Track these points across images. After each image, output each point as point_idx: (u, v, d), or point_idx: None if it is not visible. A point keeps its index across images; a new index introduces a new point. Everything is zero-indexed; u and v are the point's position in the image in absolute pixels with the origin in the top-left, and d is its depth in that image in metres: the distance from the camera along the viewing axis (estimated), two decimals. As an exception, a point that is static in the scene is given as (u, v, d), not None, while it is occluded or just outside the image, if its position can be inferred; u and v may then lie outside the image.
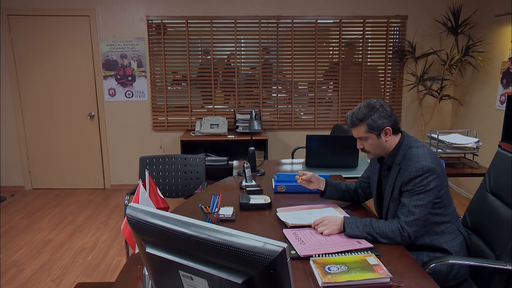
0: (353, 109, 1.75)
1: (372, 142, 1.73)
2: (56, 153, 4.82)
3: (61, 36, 4.50)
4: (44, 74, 4.62)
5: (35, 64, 4.59)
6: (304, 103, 4.91)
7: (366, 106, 1.70)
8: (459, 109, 4.70)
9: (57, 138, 4.78)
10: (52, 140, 4.79)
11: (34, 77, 4.62)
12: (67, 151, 4.82)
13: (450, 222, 1.73)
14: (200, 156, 2.89)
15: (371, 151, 1.76)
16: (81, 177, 4.87)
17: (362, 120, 1.70)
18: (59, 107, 4.67)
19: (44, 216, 4.00)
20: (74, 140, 4.77)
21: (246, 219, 1.88)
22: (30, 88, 4.65)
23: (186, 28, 4.59)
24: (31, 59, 4.58)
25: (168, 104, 4.78)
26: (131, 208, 0.91)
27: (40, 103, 4.69)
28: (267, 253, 0.72)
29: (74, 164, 4.84)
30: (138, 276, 1.39)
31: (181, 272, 0.85)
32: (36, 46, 4.55)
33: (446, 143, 2.97)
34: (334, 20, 4.67)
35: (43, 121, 4.74)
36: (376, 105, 1.69)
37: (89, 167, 4.86)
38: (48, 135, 4.78)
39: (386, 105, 1.71)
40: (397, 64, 4.79)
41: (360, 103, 1.76)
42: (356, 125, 1.72)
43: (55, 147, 4.80)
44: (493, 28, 4.07)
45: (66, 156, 4.83)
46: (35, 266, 3.01)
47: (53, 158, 4.83)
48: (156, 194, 1.61)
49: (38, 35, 4.52)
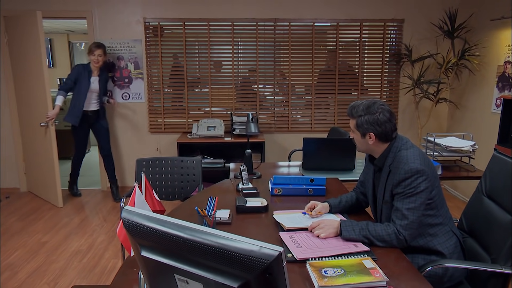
0: (361, 100, 1.78)
1: (356, 138, 1.81)
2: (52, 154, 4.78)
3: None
4: (40, 76, 4.58)
5: (30, 65, 4.56)
6: (301, 105, 4.91)
7: (366, 107, 1.72)
8: (455, 112, 4.72)
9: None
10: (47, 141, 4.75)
11: (29, 78, 4.59)
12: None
13: (443, 223, 1.73)
14: (197, 159, 2.88)
15: (356, 144, 1.84)
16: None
17: (354, 116, 1.76)
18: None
19: (39, 219, 3.97)
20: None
21: (243, 222, 1.88)
22: (25, 90, 4.62)
23: (183, 30, 4.59)
24: (27, 60, 4.55)
25: (165, 106, 4.77)
26: (126, 211, 0.90)
27: (35, 105, 4.65)
28: (263, 257, 0.72)
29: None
30: (133, 279, 1.38)
31: (177, 276, 0.85)
32: (32, 47, 4.52)
33: (443, 146, 2.98)
34: (331, 23, 4.69)
35: (39, 123, 4.70)
36: (374, 110, 1.70)
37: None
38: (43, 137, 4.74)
39: (386, 114, 1.70)
40: (393, 67, 4.80)
41: (370, 98, 1.79)
42: (350, 116, 1.79)
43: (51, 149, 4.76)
44: (488, 32, 4.10)
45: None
46: (30, 269, 2.98)
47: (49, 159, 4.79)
48: (152, 196, 1.60)
49: (34, 37, 4.50)
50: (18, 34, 4.42)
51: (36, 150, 4.52)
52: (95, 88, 4.28)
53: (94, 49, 4.17)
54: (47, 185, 4.40)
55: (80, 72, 4.22)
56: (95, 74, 4.27)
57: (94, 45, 4.20)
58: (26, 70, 4.45)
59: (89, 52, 4.21)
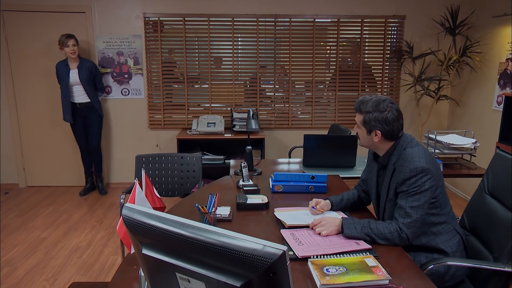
0: (369, 96, 1.77)
1: (361, 133, 1.79)
2: (51, 150, 4.77)
3: (57, 32, 4.45)
4: (39, 71, 4.57)
5: (30, 60, 4.54)
6: (301, 102, 4.89)
7: (375, 103, 1.70)
8: (456, 109, 4.70)
9: (52, 135, 4.74)
10: (47, 137, 4.74)
11: (28, 73, 4.57)
12: (62, 148, 4.77)
13: (446, 222, 1.72)
14: (197, 155, 2.86)
15: (360, 139, 1.83)
16: (76, 174, 4.83)
17: (362, 112, 1.74)
18: (54, 104, 4.62)
19: (38, 215, 3.96)
20: (69, 137, 4.72)
21: (243, 219, 1.86)
22: (25, 85, 4.60)
23: (183, 25, 4.56)
24: (26, 56, 4.53)
25: (165, 102, 4.75)
26: (127, 208, 0.88)
27: (34, 100, 4.64)
28: (267, 256, 0.70)
29: (69, 161, 4.80)
30: (133, 277, 1.37)
31: (178, 274, 0.84)
32: (31, 43, 4.50)
33: (444, 144, 2.96)
34: (332, 19, 4.66)
35: (38, 118, 4.69)
36: (383, 108, 1.69)
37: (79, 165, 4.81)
38: (43, 132, 4.73)
39: (395, 113, 1.69)
40: (394, 64, 4.78)
41: (379, 95, 1.78)
42: (358, 111, 1.78)
43: (50, 144, 4.75)
44: (490, 29, 4.07)
45: (61, 153, 4.78)
46: (29, 265, 2.97)
47: (48, 155, 4.78)
48: (153, 193, 1.59)
49: (33, 32, 4.47)
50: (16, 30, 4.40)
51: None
52: (75, 81, 4.22)
53: (67, 40, 4.09)
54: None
55: (59, 69, 4.23)
56: (74, 67, 4.21)
57: (65, 37, 4.10)
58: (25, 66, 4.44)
59: (62, 44, 4.11)
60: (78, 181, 4.83)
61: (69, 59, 4.20)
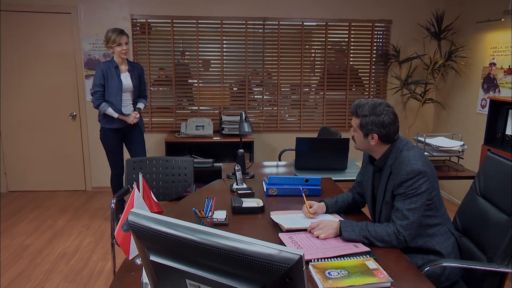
0: (365, 99, 1.77)
1: (358, 137, 1.79)
2: (34, 154, 4.65)
3: (41, 33, 4.35)
4: (23, 72, 4.45)
5: (13, 61, 4.42)
6: (289, 105, 4.91)
7: (372, 107, 1.71)
8: (441, 112, 4.79)
9: (36, 138, 4.61)
10: (30, 140, 4.62)
11: (11, 74, 4.45)
12: (46, 152, 4.65)
13: (441, 223, 1.74)
14: (189, 159, 2.83)
15: (356, 143, 1.83)
16: (60, 178, 4.71)
17: (359, 115, 1.74)
18: (39, 106, 4.51)
19: (21, 220, 3.84)
20: (54, 140, 4.61)
21: (239, 223, 1.84)
22: (8, 86, 4.47)
23: (171, 28, 4.52)
24: (9, 56, 4.40)
25: (152, 105, 4.69)
26: (133, 214, 0.86)
27: (18, 102, 4.51)
28: (283, 261, 0.69)
29: (54, 165, 4.68)
30: (131, 283, 1.34)
31: (188, 281, 0.81)
32: (15, 43, 4.38)
33: (433, 146, 3.01)
34: (320, 22, 4.69)
35: (22, 121, 4.56)
36: (379, 112, 1.70)
37: (69, 169, 4.71)
38: (27, 135, 4.60)
39: (391, 116, 1.71)
40: (381, 67, 4.85)
41: (375, 98, 1.79)
42: (354, 115, 1.78)
43: (33, 148, 4.63)
44: (474, 34, 4.17)
45: (45, 157, 4.66)
46: (13, 273, 2.88)
47: (31, 159, 4.65)
48: (150, 197, 1.55)
49: (17, 32, 4.36)
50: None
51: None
52: (128, 87, 3.49)
53: (119, 38, 3.33)
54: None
55: (106, 71, 3.40)
56: (124, 70, 3.48)
57: (116, 34, 3.33)
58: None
59: (113, 42, 3.35)
60: (63, 185, 4.72)
61: (118, 61, 3.45)
